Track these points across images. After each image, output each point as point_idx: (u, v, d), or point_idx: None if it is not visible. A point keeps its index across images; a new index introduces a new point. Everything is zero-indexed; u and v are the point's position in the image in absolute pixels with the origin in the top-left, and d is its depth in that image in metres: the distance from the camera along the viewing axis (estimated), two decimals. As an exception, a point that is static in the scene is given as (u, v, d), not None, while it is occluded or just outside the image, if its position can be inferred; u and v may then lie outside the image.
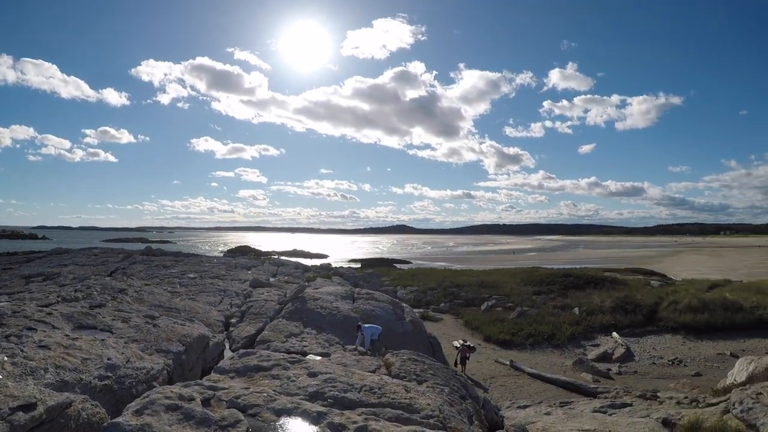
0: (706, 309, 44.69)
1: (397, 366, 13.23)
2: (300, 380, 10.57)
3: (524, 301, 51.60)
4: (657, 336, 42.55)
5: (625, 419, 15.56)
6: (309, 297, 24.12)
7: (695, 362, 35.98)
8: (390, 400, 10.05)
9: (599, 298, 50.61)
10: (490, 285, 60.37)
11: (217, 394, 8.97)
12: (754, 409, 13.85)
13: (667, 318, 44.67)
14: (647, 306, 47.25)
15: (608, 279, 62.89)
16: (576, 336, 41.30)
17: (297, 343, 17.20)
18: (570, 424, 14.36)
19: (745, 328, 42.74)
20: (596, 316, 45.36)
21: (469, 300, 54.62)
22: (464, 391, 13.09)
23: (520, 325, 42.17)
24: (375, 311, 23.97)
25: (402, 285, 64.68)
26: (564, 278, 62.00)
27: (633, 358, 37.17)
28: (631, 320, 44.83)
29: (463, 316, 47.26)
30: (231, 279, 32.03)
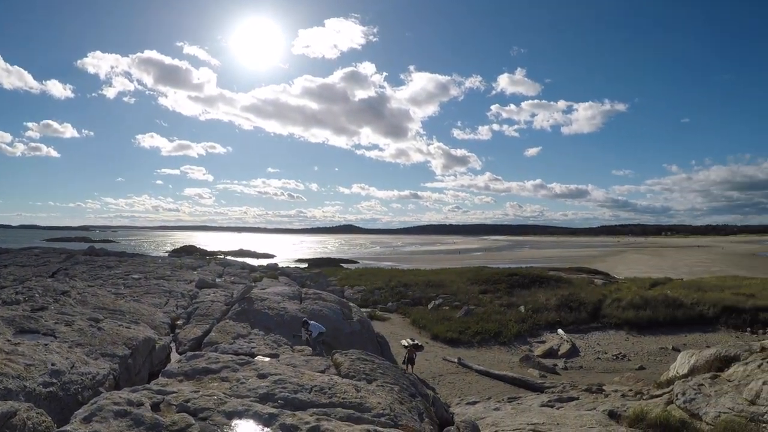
0: (648, 306, 45.85)
1: (347, 366, 13.22)
2: (250, 382, 10.47)
3: (471, 300, 52.04)
4: (601, 332, 43.40)
5: (572, 412, 15.81)
6: (256, 297, 23.90)
7: (639, 357, 36.80)
8: (341, 399, 10.03)
9: (544, 297, 51.31)
10: (437, 284, 60.76)
11: (166, 398, 8.80)
12: (697, 399, 14.20)
13: (610, 315, 45.65)
14: (591, 303, 48.16)
15: (553, 278, 63.77)
16: (522, 333, 41.87)
17: (245, 345, 17.04)
18: (519, 419, 14.52)
19: (686, 324, 43.96)
20: (542, 314, 46.07)
21: (417, 299, 54.84)
22: (414, 389, 13.14)
23: (467, 324, 42.55)
24: (323, 311, 23.87)
25: (349, 285, 64.63)
26: (510, 277, 62.66)
27: (578, 353, 37.85)
28: (576, 317, 45.64)
29: (411, 315, 47.45)
30: (176, 280, 31.53)
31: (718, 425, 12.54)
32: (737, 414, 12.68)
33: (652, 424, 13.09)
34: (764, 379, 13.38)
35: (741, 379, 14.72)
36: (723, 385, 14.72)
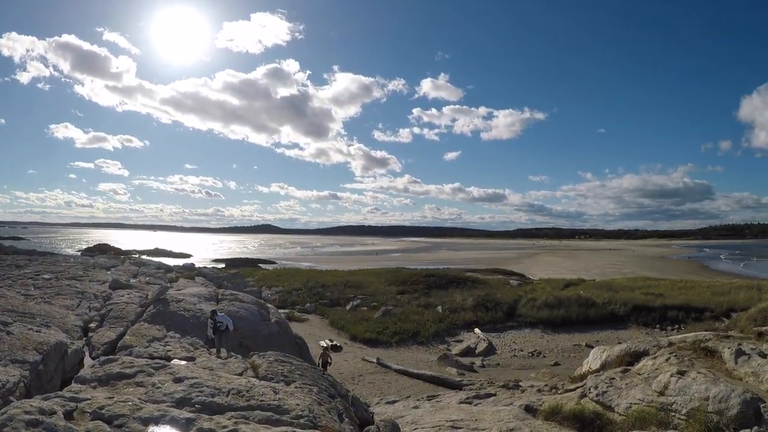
0: (562, 305, 47.18)
1: (264, 368, 13.14)
2: (166, 386, 10.29)
3: (389, 301, 52.30)
4: (517, 331, 44.36)
5: (490, 408, 16.08)
6: (172, 299, 23.45)
7: (553, 353, 37.74)
8: (259, 402, 9.97)
9: (461, 297, 52.03)
10: (356, 285, 60.79)
11: (79, 405, 8.59)
12: (608, 392, 14.68)
13: (526, 314, 46.77)
14: (507, 303, 49.14)
15: (470, 279, 64.67)
16: (440, 333, 42.29)
17: (161, 348, 16.73)
18: (438, 416, 14.67)
19: (598, 322, 45.62)
20: (459, 314, 46.68)
21: (335, 300, 54.76)
22: (333, 389, 13.17)
23: (386, 324, 42.71)
24: (240, 312, 23.61)
25: (267, 285, 63.96)
26: (427, 278, 63.29)
27: (495, 351, 38.49)
28: (493, 317, 46.50)
29: (329, 316, 47.32)
30: (89, 280, 30.57)
31: (630, 415, 13.01)
32: (647, 404, 13.18)
33: (566, 416, 13.42)
34: (671, 371, 13.92)
35: (650, 372, 15.28)
36: (633, 378, 15.24)
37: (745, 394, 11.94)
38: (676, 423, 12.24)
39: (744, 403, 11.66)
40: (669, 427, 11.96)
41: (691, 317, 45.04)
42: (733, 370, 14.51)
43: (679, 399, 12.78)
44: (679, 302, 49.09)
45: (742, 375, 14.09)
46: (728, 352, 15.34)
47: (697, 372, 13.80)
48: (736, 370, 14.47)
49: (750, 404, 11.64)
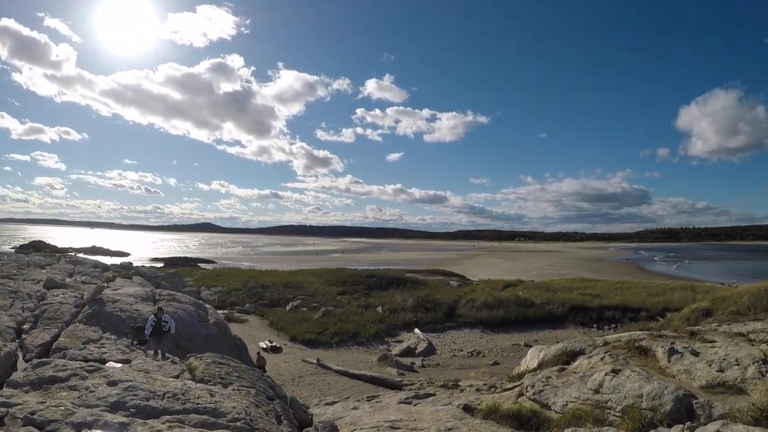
0: (501, 306, 47.89)
1: (201, 370, 12.99)
2: (100, 390, 10.07)
3: (329, 301, 52.27)
4: (457, 331, 44.74)
5: (428, 408, 16.18)
6: (108, 299, 23.06)
7: (493, 353, 38.18)
8: (195, 405, 9.84)
9: (402, 298, 52.28)
10: (295, 285, 60.57)
11: (11, 410, 8.34)
12: (545, 391, 14.93)
13: (465, 314, 47.25)
14: (447, 304, 49.58)
15: (410, 279, 65.05)
16: (380, 333, 42.39)
17: (96, 350, 16.42)
18: (377, 417, 14.69)
19: (537, 322, 46.51)
20: (399, 314, 46.89)
21: (275, 300, 54.45)
22: (272, 391, 13.07)
23: (326, 324, 42.64)
24: (178, 313, 23.30)
25: (206, 285, 63.27)
26: (368, 279, 63.45)
27: (435, 351, 38.74)
28: (433, 317, 46.85)
29: (269, 317, 47.00)
30: (23, 279, 29.77)
31: (566, 413, 13.25)
32: (583, 402, 13.45)
33: (504, 415, 13.59)
34: (606, 370, 14.23)
35: (585, 371, 15.56)
36: (569, 377, 15.51)
37: (678, 391, 12.28)
38: (611, 420, 12.51)
39: (677, 399, 12.00)
40: (604, 424, 12.20)
41: (627, 317, 46.12)
42: (666, 368, 14.87)
43: (613, 397, 13.07)
44: (616, 302, 50.42)
45: (675, 373, 14.45)
46: (661, 351, 15.72)
47: (631, 370, 14.13)
48: (669, 368, 14.83)
49: (683, 401, 11.99)
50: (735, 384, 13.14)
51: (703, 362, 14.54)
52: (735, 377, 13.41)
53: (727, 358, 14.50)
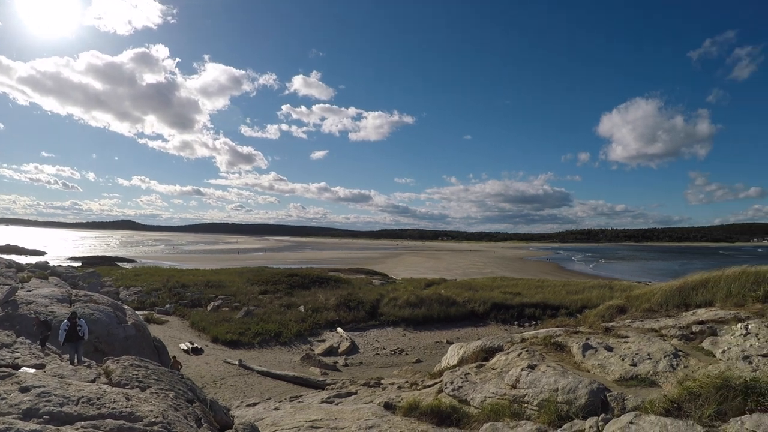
0: (423, 304, 48.39)
1: (118, 373, 12.74)
2: (12, 397, 9.76)
3: (251, 301, 51.85)
4: (380, 329, 44.97)
5: (350, 406, 16.24)
6: (22, 301, 22.37)
7: (416, 351, 38.52)
8: (110, 410, 9.64)
9: (324, 297, 52.27)
10: (217, 285, 59.90)
11: None
12: (464, 387, 15.18)
13: (388, 313, 47.54)
14: (370, 303, 49.79)
15: (333, 278, 65.04)
16: (303, 333, 42.26)
17: (8, 355, 15.88)
18: (298, 417, 14.67)
19: (459, 319, 47.26)
20: (321, 313, 46.90)
21: (196, 300, 53.67)
22: (192, 394, 12.90)
23: (248, 325, 42.26)
24: (95, 315, 22.78)
25: (125, 285, 61.94)
26: (290, 278, 63.18)
27: (358, 350, 38.87)
28: (355, 316, 46.98)
29: (190, 317, 46.27)
30: (-71, 282, 28.75)
31: (484, 408, 13.53)
32: (501, 397, 13.76)
33: (424, 412, 13.74)
34: (522, 366, 14.59)
35: (503, 366, 15.91)
36: (487, 373, 15.82)
37: (592, 385, 12.66)
38: (528, 414, 12.80)
39: (591, 393, 12.38)
40: (522, 418, 12.48)
41: (547, 314, 47.16)
42: (581, 363, 15.32)
43: (530, 391, 13.40)
44: (536, 300, 51.67)
45: (590, 367, 14.90)
46: (576, 347, 16.19)
47: (547, 365, 14.51)
48: (584, 362, 15.28)
49: (597, 394, 12.39)
50: (647, 377, 13.65)
51: (617, 357, 15.03)
52: (647, 371, 13.91)
53: (640, 352, 15.03)
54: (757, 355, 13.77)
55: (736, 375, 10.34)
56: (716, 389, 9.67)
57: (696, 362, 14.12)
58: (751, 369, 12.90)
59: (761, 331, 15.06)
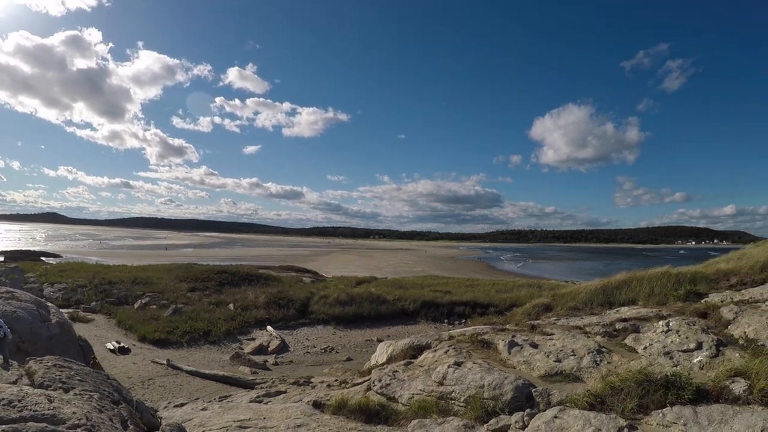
0: (354, 302, 48.54)
1: (41, 374, 12.42)
2: (-73, 399, 9.49)
3: (179, 298, 51.06)
4: (310, 327, 44.84)
5: (279, 405, 16.20)
6: (-63, 300, 21.67)
7: (346, 349, 38.60)
8: (32, 412, 9.39)
9: (254, 294, 51.86)
10: (145, 282, 58.85)
11: None
12: (392, 384, 15.32)
13: (318, 311, 47.47)
14: (300, 300, 49.61)
15: (263, 276, 64.68)
16: (232, 331, 41.79)
17: None
18: (226, 417, 14.54)
19: (390, 318, 47.55)
20: (251, 311, 46.48)
21: (123, 298, 52.54)
22: (117, 395, 12.66)
23: (176, 323, 41.56)
24: (17, 313, 22.12)
25: (50, 282, 60.10)
26: (220, 275, 62.51)
27: (288, 349, 38.69)
28: (285, 314, 46.72)
29: (116, 316, 45.15)
30: None
31: (412, 405, 13.71)
32: (428, 394, 13.95)
33: (353, 410, 13.79)
34: (449, 362, 14.83)
35: (431, 364, 16.12)
36: (415, 370, 16.00)
37: (518, 381, 12.96)
38: (456, 410, 12.99)
39: (517, 388, 12.68)
40: (449, 414, 12.65)
41: (476, 312, 47.73)
42: (507, 360, 15.65)
43: (457, 388, 13.61)
44: (466, 299, 52.30)
45: (515, 363, 15.23)
46: (502, 344, 16.55)
47: (474, 362, 14.77)
48: (509, 359, 15.61)
49: (522, 389, 12.70)
50: (572, 373, 14.03)
51: (542, 353, 15.40)
52: (571, 366, 14.29)
53: (564, 349, 15.44)
54: (678, 351, 14.30)
55: (657, 370, 10.75)
56: (638, 384, 10.02)
57: (619, 358, 14.58)
58: (672, 364, 13.41)
59: (682, 328, 15.61)
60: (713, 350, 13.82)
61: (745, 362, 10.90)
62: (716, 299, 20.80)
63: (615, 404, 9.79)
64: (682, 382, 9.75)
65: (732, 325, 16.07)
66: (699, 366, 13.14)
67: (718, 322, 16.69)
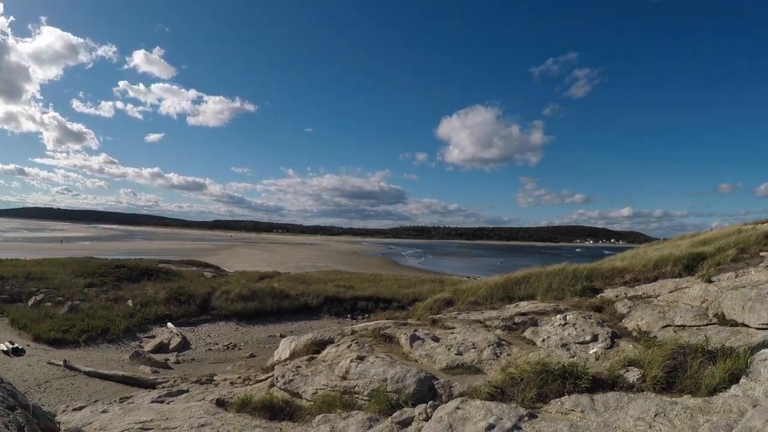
0: (256, 297, 48.27)
1: (-75, 379, 11.92)
2: None
3: (75, 295, 49.40)
4: (211, 324, 44.29)
5: (181, 405, 15.97)
6: None
7: (249, 345, 38.38)
8: None
9: (153, 290, 50.87)
10: (39, 277, 56.58)
11: None
12: (295, 380, 15.35)
13: (220, 307, 46.93)
14: (201, 296, 48.89)
15: (163, 270, 63.47)
16: (131, 329, 40.80)
17: None
18: (128, 419, 14.25)
19: (293, 313, 47.64)
20: (151, 308, 45.49)
21: (15, 295, 50.44)
22: (12, 400, 12.23)
23: (72, 321, 40.19)
24: None
25: (-67, 280, 57.51)
26: (118, 269, 60.90)
27: (190, 346, 38.14)
28: (186, 310, 45.98)
29: (9, 314, 43.29)
30: None
31: (316, 401, 13.78)
32: (332, 389, 14.08)
33: (257, 407, 13.72)
34: (352, 357, 14.99)
35: (334, 358, 16.27)
36: (318, 365, 16.10)
37: (420, 374, 13.20)
38: (360, 404, 13.12)
39: (419, 381, 12.91)
40: (354, 408, 12.75)
41: (380, 307, 48.30)
42: (409, 353, 15.93)
43: (360, 382, 13.78)
44: (369, 294, 52.84)
45: (418, 357, 15.52)
46: (404, 338, 16.84)
47: (376, 356, 14.99)
48: (412, 353, 15.89)
49: (425, 382, 12.94)
50: (473, 365, 14.39)
51: (443, 347, 15.75)
52: (472, 359, 14.65)
53: (465, 342, 15.82)
54: (574, 343, 14.89)
55: (555, 361, 11.09)
56: (537, 374, 10.36)
57: (518, 350, 15.04)
58: (569, 355, 13.94)
59: (578, 321, 16.26)
60: (608, 342, 14.48)
61: (639, 353, 11.47)
62: (611, 294, 21.75)
63: (515, 394, 10.08)
64: (578, 372, 10.13)
65: (626, 319, 16.87)
66: (595, 357, 13.73)
67: (613, 315, 17.49)
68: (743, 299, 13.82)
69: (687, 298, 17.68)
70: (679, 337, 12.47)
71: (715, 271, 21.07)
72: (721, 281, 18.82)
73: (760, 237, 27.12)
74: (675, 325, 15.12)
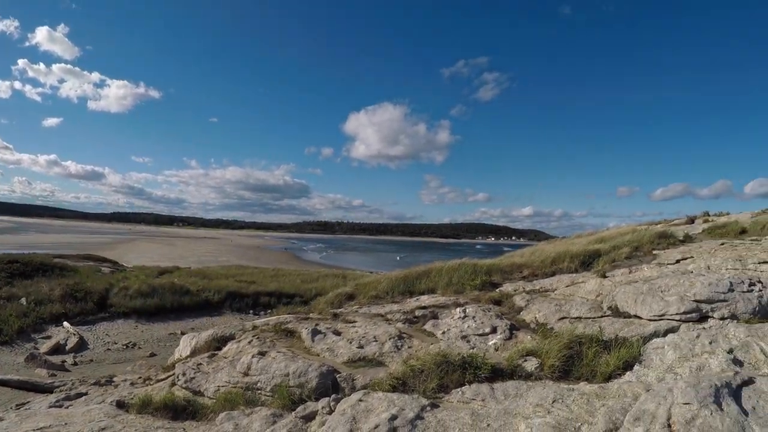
0: (156, 293, 47.09)
1: None
2: None
3: (-36, 293, 47.50)
4: (110, 322, 43.01)
5: (80, 409, 15.53)
6: None
7: (149, 344, 37.45)
8: None
9: (48, 287, 49.12)
10: (-77, 277, 54.20)
11: None
12: (197, 378, 15.17)
13: (118, 304, 45.58)
14: (98, 293, 47.43)
15: (59, 266, 61.26)
16: (25, 329, 39.17)
17: None
18: (25, 426, 13.77)
19: (194, 309, 46.62)
20: (46, 306, 43.83)
21: None
22: None
23: (-40, 322, 38.65)
24: None
25: None
26: (10, 265, 58.44)
27: (88, 346, 36.97)
28: (83, 308, 44.48)
29: None
30: None
31: (219, 398, 13.68)
32: (234, 386, 13.98)
33: (158, 407, 13.46)
34: (253, 353, 14.93)
35: (235, 355, 16.12)
36: (220, 362, 15.94)
37: (322, 368, 13.29)
38: (263, 400, 13.09)
39: (321, 375, 13.01)
40: (257, 404, 12.71)
41: (282, 302, 47.86)
42: (311, 348, 15.98)
43: (262, 377, 13.75)
44: (272, 289, 52.42)
45: (319, 351, 15.58)
46: (306, 332, 16.89)
47: (278, 351, 14.99)
48: (313, 347, 15.95)
49: (327, 376, 13.06)
50: (374, 358, 14.57)
51: (345, 340, 15.88)
52: (374, 352, 14.83)
53: (367, 335, 16.01)
54: (474, 335, 15.28)
55: (455, 352, 11.40)
56: (438, 365, 10.63)
57: (419, 343, 15.30)
58: (469, 347, 14.29)
59: (478, 314, 16.67)
60: (507, 333, 14.95)
61: (537, 343, 11.95)
62: (510, 288, 22.36)
63: (417, 385, 10.30)
64: (478, 362, 10.48)
65: (524, 311, 17.41)
66: (494, 348, 14.14)
67: (512, 308, 18.03)
68: (636, 293, 14.53)
69: (583, 292, 18.42)
70: (575, 328, 12.97)
71: (610, 268, 22.04)
72: (616, 276, 19.72)
73: (653, 237, 28.43)
74: (571, 317, 15.73)
